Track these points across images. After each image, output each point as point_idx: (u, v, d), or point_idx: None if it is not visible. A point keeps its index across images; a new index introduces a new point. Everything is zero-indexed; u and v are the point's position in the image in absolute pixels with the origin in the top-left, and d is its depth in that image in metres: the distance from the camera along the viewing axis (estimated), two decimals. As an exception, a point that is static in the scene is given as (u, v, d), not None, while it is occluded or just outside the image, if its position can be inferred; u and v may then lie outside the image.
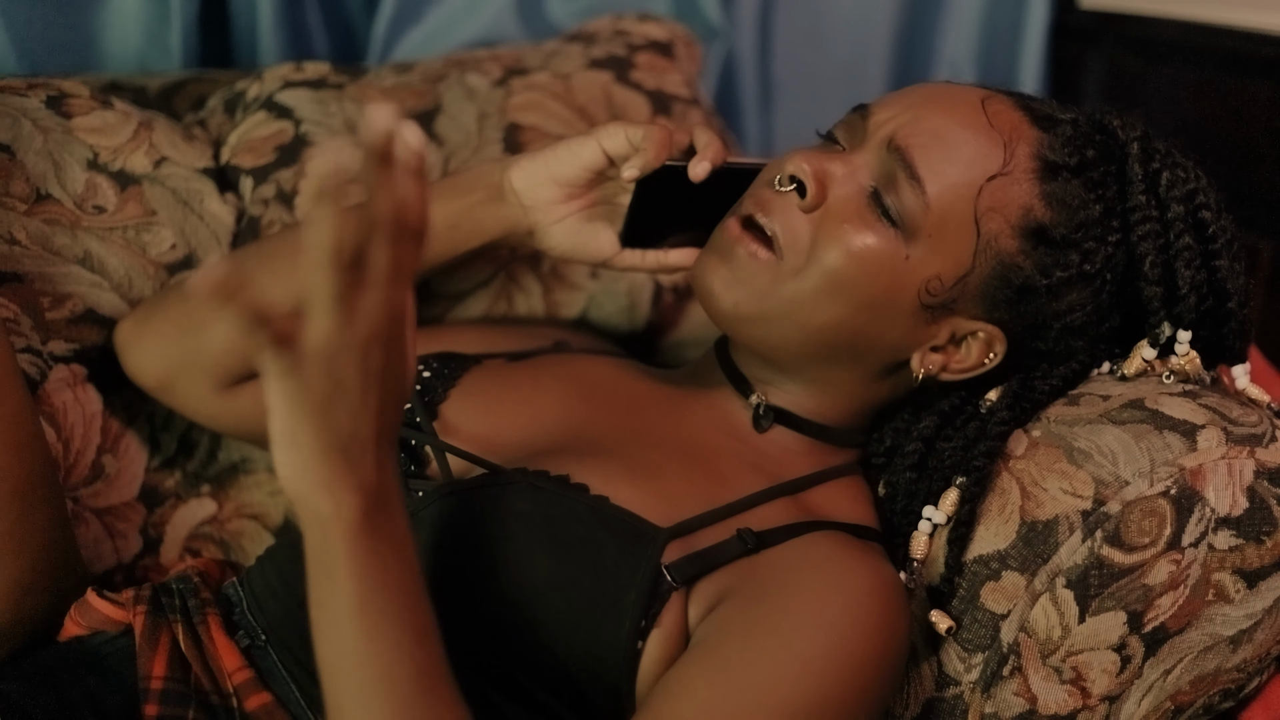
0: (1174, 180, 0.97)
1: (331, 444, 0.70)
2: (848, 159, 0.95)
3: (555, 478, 0.91)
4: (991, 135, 0.93)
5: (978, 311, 0.95)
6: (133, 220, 1.15)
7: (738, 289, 0.94)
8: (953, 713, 0.96)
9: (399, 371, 0.73)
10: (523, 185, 1.04)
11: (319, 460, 0.70)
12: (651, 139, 0.99)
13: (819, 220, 0.94)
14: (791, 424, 1.00)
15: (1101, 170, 0.95)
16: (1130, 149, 0.97)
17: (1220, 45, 1.60)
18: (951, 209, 0.92)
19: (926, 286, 0.93)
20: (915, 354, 0.96)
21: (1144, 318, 0.98)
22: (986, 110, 0.94)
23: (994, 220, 0.92)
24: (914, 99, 0.96)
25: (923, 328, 0.95)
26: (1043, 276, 0.94)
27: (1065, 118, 0.96)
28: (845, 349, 0.96)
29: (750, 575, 0.88)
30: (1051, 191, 0.93)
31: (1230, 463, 0.92)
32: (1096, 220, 0.94)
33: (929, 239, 0.92)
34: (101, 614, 0.94)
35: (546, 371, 1.06)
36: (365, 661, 0.73)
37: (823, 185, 0.93)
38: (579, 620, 0.85)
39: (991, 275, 0.93)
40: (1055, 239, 0.93)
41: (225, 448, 1.21)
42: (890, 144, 0.93)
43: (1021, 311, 0.95)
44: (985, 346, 0.96)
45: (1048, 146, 0.94)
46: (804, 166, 0.93)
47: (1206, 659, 0.94)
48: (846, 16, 1.81)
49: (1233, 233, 0.99)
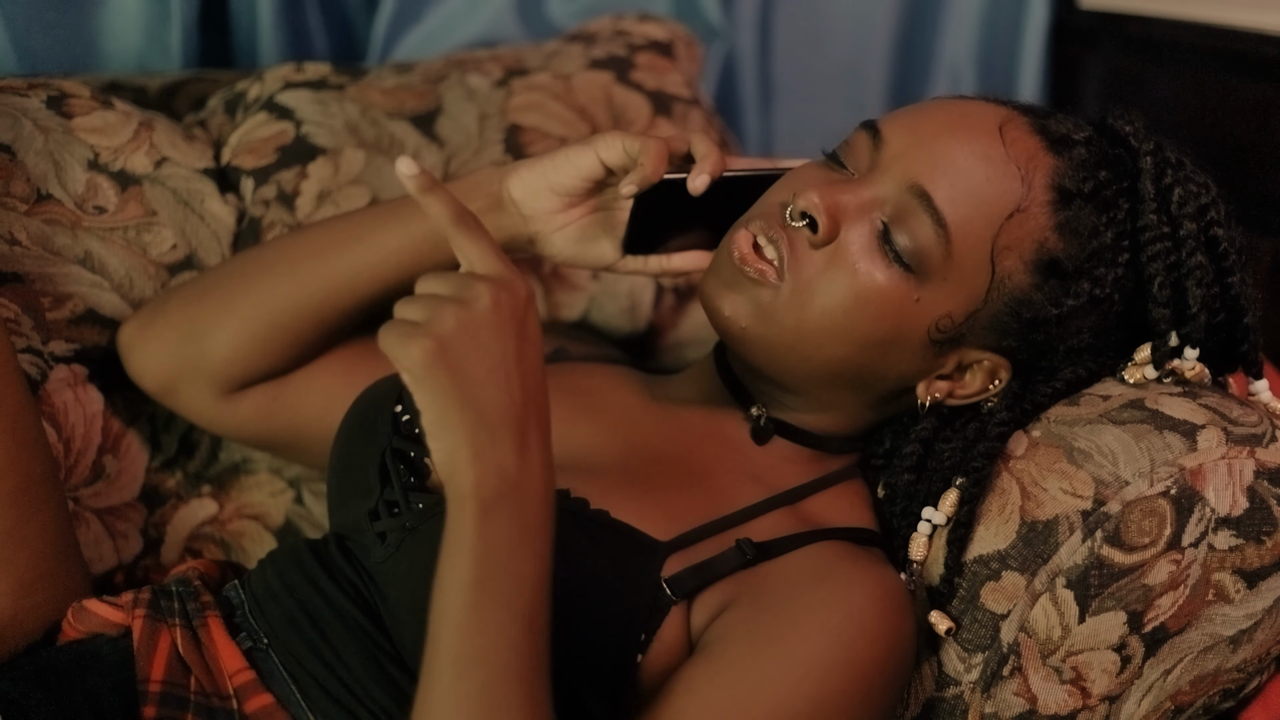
0: (1186, 196, 0.95)
1: (477, 423, 0.73)
2: (859, 190, 0.92)
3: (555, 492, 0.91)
4: (1009, 169, 0.91)
5: (986, 342, 0.94)
6: (133, 220, 1.15)
7: (745, 309, 0.93)
8: (953, 713, 0.96)
9: (534, 362, 0.76)
10: (521, 195, 1.03)
11: (465, 438, 0.73)
12: (649, 153, 0.97)
13: (831, 255, 0.91)
14: (791, 436, 0.99)
15: (1114, 190, 0.94)
16: (1143, 164, 0.95)
17: (1220, 45, 1.60)
18: (970, 251, 0.90)
19: (937, 324, 0.92)
20: (921, 384, 0.96)
21: (1149, 337, 0.97)
22: (1004, 139, 0.91)
23: (1009, 258, 0.91)
24: (930, 126, 0.93)
25: (930, 360, 0.94)
26: (1054, 307, 0.93)
27: (1080, 137, 0.94)
28: (850, 379, 0.95)
29: (752, 586, 0.88)
30: (1065, 221, 0.91)
31: (1230, 463, 0.92)
32: (1108, 245, 0.93)
33: (943, 280, 0.90)
34: (100, 617, 0.94)
35: None
36: (466, 638, 0.74)
37: (835, 222, 0.91)
38: (579, 634, 0.85)
39: (1003, 310, 0.92)
40: (1068, 270, 0.92)
41: (226, 448, 1.21)
42: (913, 186, 0.90)
43: (1030, 340, 0.94)
44: (990, 375, 0.96)
45: (1063, 174, 0.92)
46: (816, 203, 0.91)
47: (1206, 659, 0.94)
48: (846, 16, 1.80)
49: (1244, 246, 0.97)
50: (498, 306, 0.75)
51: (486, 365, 0.74)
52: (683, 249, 1.05)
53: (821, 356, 0.93)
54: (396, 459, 0.96)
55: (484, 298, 0.75)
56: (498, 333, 0.75)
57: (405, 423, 0.98)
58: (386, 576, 0.92)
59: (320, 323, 1.06)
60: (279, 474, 1.22)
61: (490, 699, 0.74)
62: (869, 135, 0.95)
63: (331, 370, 1.09)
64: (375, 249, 1.05)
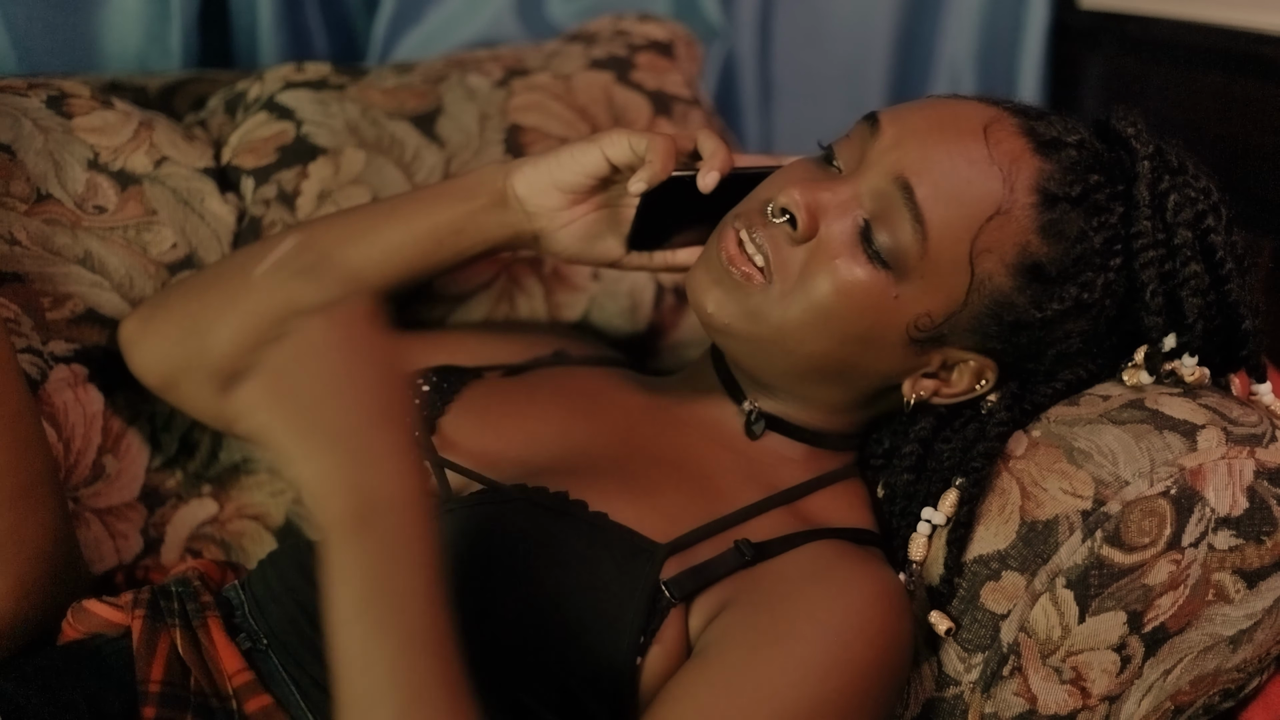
0: (1182, 202, 0.94)
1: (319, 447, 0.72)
2: (841, 188, 0.92)
3: (554, 494, 0.91)
4: (991, 171, 0.90)
5: (969, 343, 0.94)
6: (133, 220, 1.15)
7: (730, 308, 0.93)
8: (953, 713, 0.96)
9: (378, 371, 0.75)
10: (526, 192, 1.03)
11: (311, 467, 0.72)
12: (656, 150, 0.97)
13: (811, 250, 0.92)
14: (785, 430, 0.99)
15: (1107, 193, 0.93)
16: (1140, 168, 0.94)
17: (1220, 45, 1.59)
18: (948, 251, 0.90)
19: (915, 323, 0.92)
20: (906, 381, 0.96)
21: (1143, 344, 0.96)
22: (988, 140, 0.91)
23: (989, 260, 0.90)
24: (921, 123, 0.93)
25: (913, 357, 0.94)
26: (1037, 311, 0.92)
27: (1071, 140, 0.93)
28: (834, 375, 0.95)
29: (750, 586, 0.88)
30: (1049, 224, 0.91)
31: (1230, 463, 0.92)
32: (1096, 250, 0.92)
33: (921, 279, 0.90)
34: (100, 618, 0.94)
35: (545, 386, 1.06)
36: (366, 672, 0.73)
37: (814, 218, 0.91)
38: (578, 637, 0.85)
39: (984, 311, 0.92)
40: (1051, 275, 0.91)
41: (226, 448, 1.21)
42: (899, 178, 0.90)
43: (1015, 343, 0.94)
44: (976, 375, 0.96)
45: (1048, 177, 0.91)
46: (796, 199, 0.91)
47: (1206, 659, 0.94)
48: (846, 16, 1.80)
49: (1244, 251, 0.96)
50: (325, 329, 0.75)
51: (319, 390, 0.73)
52: (688, 244, 1.05)
53: (804, 351, 0.93)
54: None
55: (307, 328, 0.75)
56: (328, 354, 0.74)
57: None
58: None
59: None
60: (279, 474, 1.22)
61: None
62: (868, 126, 0.95)
63: None
64: (377, 245, 1.05)
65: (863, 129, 0.95)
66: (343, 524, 0.72)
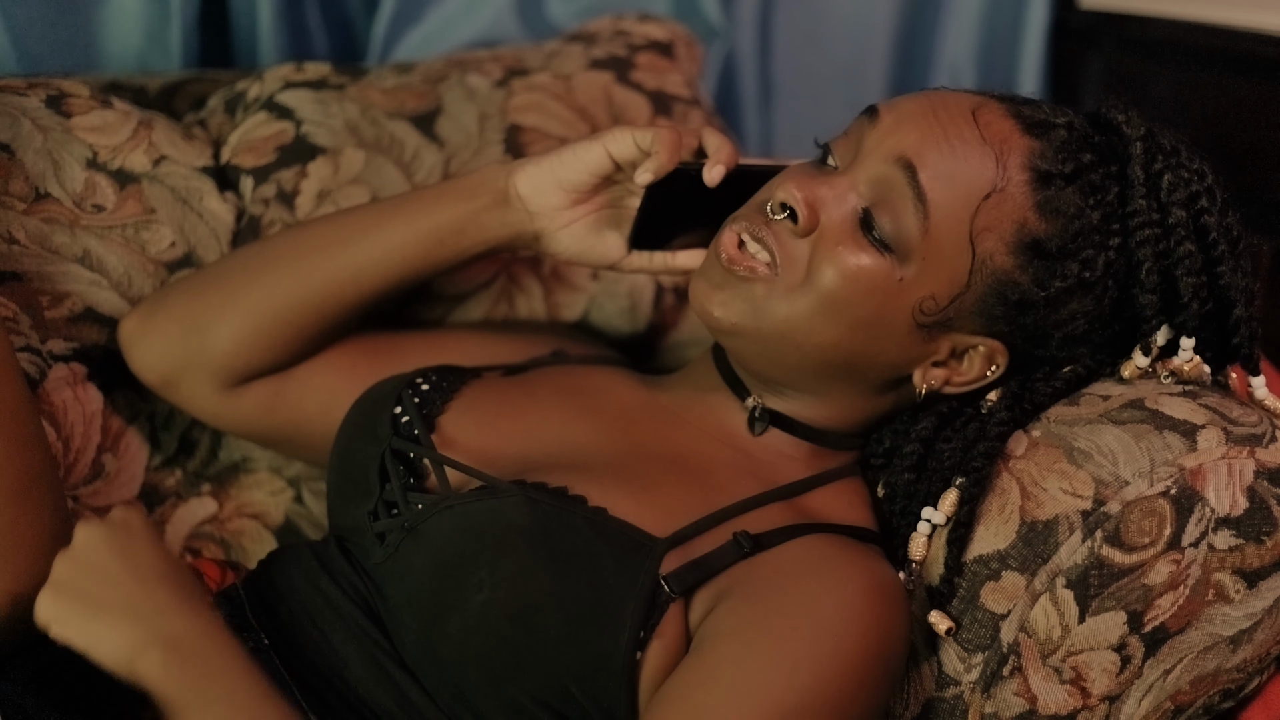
0: (1176, 183, 0.94)
1: (113, 620, 0.81)
2: (838, 181, 0.94)
3: (553, 489, 0.91)
4: (984, 150, 0.91)
5: (976, 326, 0.94)
6: (132, 219, 1.15)
7: (735, 307, 0.94)
8: (952, 713, 0.96)
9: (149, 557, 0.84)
10: (528, 191, 1.04)
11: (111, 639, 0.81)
12: (663, 142, 0.98)
13: (815, 242, 0.93)
14: (788, 428, 0.99)
15: (1100, 173, 0.94)
16: (1133, 149, 0.95)
17: (1220, 45, 1.59)
18: (948, 232, 0.91)
19: (920, 306, 0.92)
20: (917, 370, 0.96)
21: (1141, 325, 0.96)
22: (978, 122, 0.92)
23: (989, 239, 0.91)
24: (914, 108, 0.94)
25: (921, 344, 0.95)
26: (1040, 289, 0.92)
27: (1060, 121, 0.94)
28: (843, 366, 0.95)
29: (746, 577, 0.88)
30: (1045, 201, 0.91)
31: (1230, 463, 0.92)
32: (1095, 227, 0.93)
33: (923, 261, 0.91)
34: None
35: (544, 384, 1.06)
36: None
37: (814, 211, 0.93)
38: (577, 633, 0.85)
39: (988, 292, 0.92)
40: (1051, 251, 0.92)
41: (226, 447, 1.21)
42: (900, 158, 0.91)
43: (1021, 324, 0.94)
44: (986, 360, 0.96)
45: (1039, 155, 0.92)
46: (795, 194, 0.92)
47: (1206, 659, 0.94)
48: (846, 16, 1.80)
49: (1239, 235, 0.97)
50: (100, 534, 0.85)
51: (101, 582, 0.82)
52: (688, 245, 1.05)
53: (813, 343, 0.93)
54: (396, 460, 0.96)
55: (80, 540, 0.84)
56: (98, 559, 0.83)
57: (405, 424, 0.99)
58: (386, 577, 0.92)
59: (323, 317, 1.06)
60: (279, 473, 1.22)
61: None
62: (867, 117, 0.96)
63: (333, 366, 1.09)
64: (379, 244, 1.05)
65: (861, 121, 0.96)
66: (165, 667, 0.79)
